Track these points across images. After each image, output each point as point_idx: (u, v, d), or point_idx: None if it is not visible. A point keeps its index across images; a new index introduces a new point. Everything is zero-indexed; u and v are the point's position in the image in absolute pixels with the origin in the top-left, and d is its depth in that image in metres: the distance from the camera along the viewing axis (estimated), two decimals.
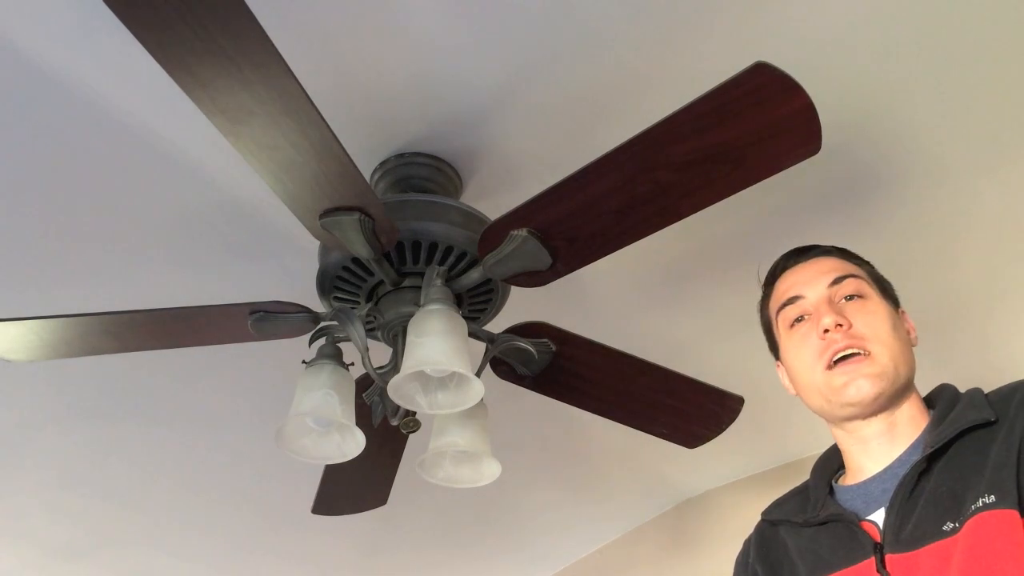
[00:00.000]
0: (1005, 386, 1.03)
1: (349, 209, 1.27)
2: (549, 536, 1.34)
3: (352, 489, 1.89)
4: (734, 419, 1.73)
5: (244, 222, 1.71)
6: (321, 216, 1.29)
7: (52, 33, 1.35)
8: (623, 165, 1.23)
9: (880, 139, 1.58)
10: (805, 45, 1.41)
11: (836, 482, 1.12)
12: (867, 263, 1.17)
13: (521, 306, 1.65)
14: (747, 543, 1.20)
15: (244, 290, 1.84)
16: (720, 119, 1.15)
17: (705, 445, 1.76)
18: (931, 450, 1.00)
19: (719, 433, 1.75)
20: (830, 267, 1.14)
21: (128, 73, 1.41)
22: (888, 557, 0.99)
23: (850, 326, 1.08)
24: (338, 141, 1.15)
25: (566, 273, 1.39)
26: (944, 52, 1.43)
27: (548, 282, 1.41)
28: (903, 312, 1.14)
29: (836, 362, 1.07)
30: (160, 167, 1.58)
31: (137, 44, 1.32)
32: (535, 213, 1.31)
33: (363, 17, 1.36)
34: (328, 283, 1.47)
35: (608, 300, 1.92)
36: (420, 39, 1.39)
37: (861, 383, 1.06)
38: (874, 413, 1.07)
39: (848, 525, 1.04)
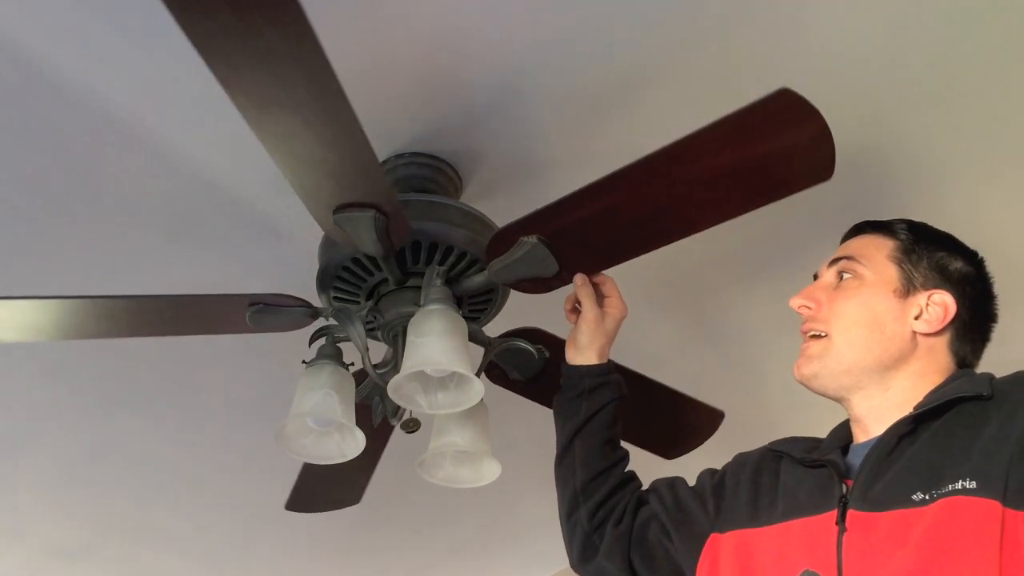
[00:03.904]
0: (1018, 372, 1.03)
1: (364, 206, 1.26)
2: (548, 535, 1.35)
3: (327, 487, 1.88)
4: (713, 432, 1.77)
5: (229, 212, 1.69)
6: (335, 211, 1.28)
7: (36, 19, 1.32)
8: (641, 179, 1.25)
9: (882, 148, 1.58)
10: (815, 58, 1.42)
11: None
12: (912, 235, 1.16)
13: (511, 310, 1.65)
14: (748, 455, 1.24)
15: (227, 279, 1.81)
16: (741, 140, 1.19)
17: (705, 446, 1.77)
18: (917, 412, 1.02)
19: (698, 446, 1.78)
20: (847, 247, 1.19)
21: (116, 63, 1.39)
22: (850, 512, 1.00)
23: (820, 308, 1.14)
24: (366, 139, 1.15)
25: (571, 281, 1.41)
26: (951, 67, 1.44)
27: (552, 289, 1.43)
28: (930, 294, 1.11)
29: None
30: (144, 155, 1.55)
31: (125, 34, 1.31)
32: (547, 221, 1.33)
33: (362, 17, 1.35)
34: (329, 278, 1.46)
35: None
36: (420, 39, 1.39)
37: (801, 362, 1.14)
38: (836, 394, 1.12)
39: (832, 474, 1.06)
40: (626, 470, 1.36)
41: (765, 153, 1.19)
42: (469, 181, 1.64)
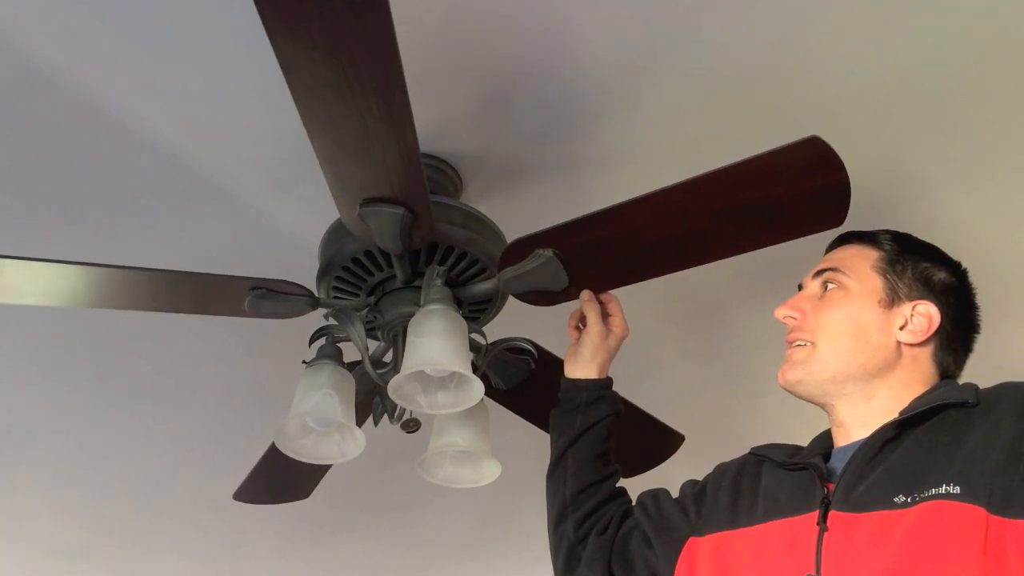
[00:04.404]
0: (1002, 383, 1.05)
1: (395, 203, 1.26)
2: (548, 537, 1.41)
3: (280, 480, 1.84)
4: (671, 455, 1.83)
5: (225, 209, 1.67)
6: (362, 203, 1.27)
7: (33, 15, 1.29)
8: (662, 207, 1.29)
9: (881, 166, 1.63)
10: (813, 64, 1.44)
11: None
12: (897, 246, 1.18)
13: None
14: (728, 464, 1.26)
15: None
16: (766, 179, 1.24)
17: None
18: (902, 417, 1.03)
19: (654, 466, 1.84)
20: (832, 257, 1.21)
21: (114, 59, 1.37)
22: (832, 513, 1.01)
23: (805, 318, 1.16)
24: (415, 136, 1.15)
25: (578, 297, 1.43)
26: (941, 78, 1.46)
27: (557, 303, 1.46)
28: (915, 305, 1.13)
29: None
30: (144, 152, 1.54)
31: (123, 31, 1.31)
32: (564, 237, 1.35)
33: None
34: (333, 270, 1.44)
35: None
36: (418, 38, 1.39)
37: (785, 368, 1.16)
38: (821, 400, 1.14)
39: (814, 477, 1.07)
40: (616, 485, 1.38)
41: (785, 197, 1.26)
42: (469, 181, 1.64)
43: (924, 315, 1.12)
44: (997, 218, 1.75)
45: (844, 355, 1.12)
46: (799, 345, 1.16)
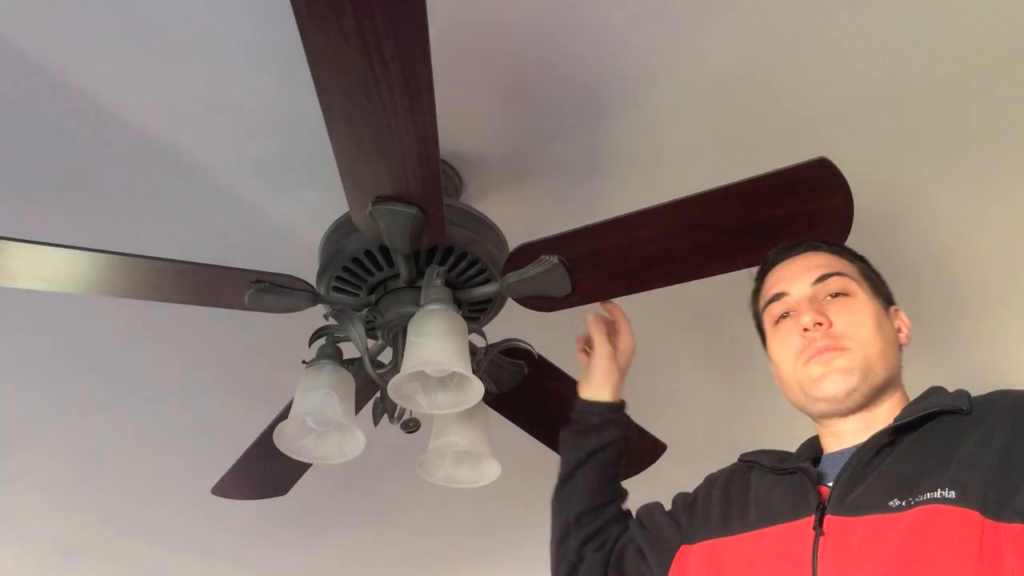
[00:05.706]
0: (995, 391, 1.06)
1: (409, 202, 1.26)
2: (548, 537, 1.41)
3: (261, 476, 1.82)
4: (652, 462, 1.85)
5: (227, 212, 1.67)
6: (375, 201, 1.26)
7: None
8: (670, 219, 1.31)
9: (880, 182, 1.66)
10: (812, 74, 1.46)
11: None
12: (860, 259, 1.20)
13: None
14: (718, 473, 1.27)
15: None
16: (773, 197, 1.27)
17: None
18: (897, 424, 1.04)
19: (635, 474, 1.85)
20: (817, 263, 1.17)
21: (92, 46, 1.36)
22: (827, 518, 1.01)
23: (830, 325, 1.11)
24: (436, 138, 1.15)
25: (578, 304, 1.45)
26: (909, 80, 1.48)
27: (559, 309, 1.46)
28: (896, 310, 1.17)
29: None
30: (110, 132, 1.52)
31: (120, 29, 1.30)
32: (570, 244, 1.37)
33: None
34: (336, 267, 1.43)
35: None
36: None
37: (836, 378, 1.09)
38: (851, 411, 1.11)
39: (805, 481, 1.07)
40: (622, 508, 1.38)
41: (790, 215, 1.29)
42: (469, 182, 1.64)
43: (904, 319, 1.17)
44: (994, 222, 1.79)
45: (884, 358, 1.11)
46: (844, 348, 1.10)
